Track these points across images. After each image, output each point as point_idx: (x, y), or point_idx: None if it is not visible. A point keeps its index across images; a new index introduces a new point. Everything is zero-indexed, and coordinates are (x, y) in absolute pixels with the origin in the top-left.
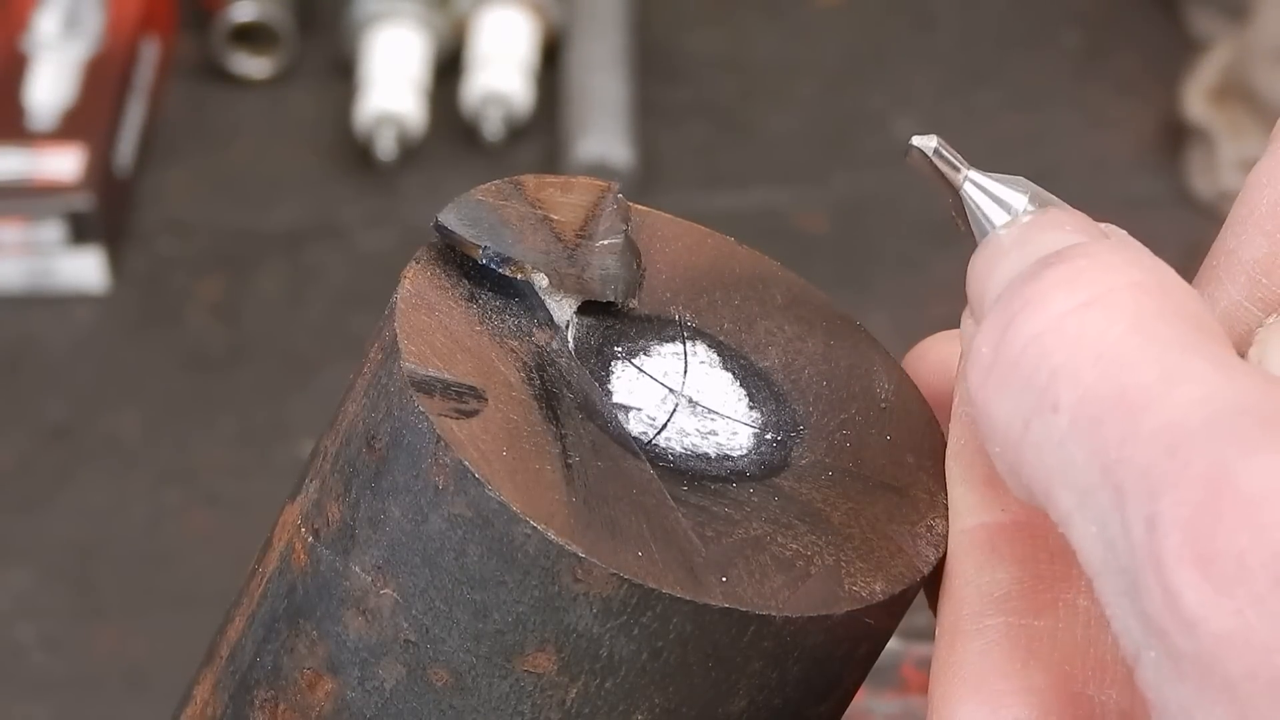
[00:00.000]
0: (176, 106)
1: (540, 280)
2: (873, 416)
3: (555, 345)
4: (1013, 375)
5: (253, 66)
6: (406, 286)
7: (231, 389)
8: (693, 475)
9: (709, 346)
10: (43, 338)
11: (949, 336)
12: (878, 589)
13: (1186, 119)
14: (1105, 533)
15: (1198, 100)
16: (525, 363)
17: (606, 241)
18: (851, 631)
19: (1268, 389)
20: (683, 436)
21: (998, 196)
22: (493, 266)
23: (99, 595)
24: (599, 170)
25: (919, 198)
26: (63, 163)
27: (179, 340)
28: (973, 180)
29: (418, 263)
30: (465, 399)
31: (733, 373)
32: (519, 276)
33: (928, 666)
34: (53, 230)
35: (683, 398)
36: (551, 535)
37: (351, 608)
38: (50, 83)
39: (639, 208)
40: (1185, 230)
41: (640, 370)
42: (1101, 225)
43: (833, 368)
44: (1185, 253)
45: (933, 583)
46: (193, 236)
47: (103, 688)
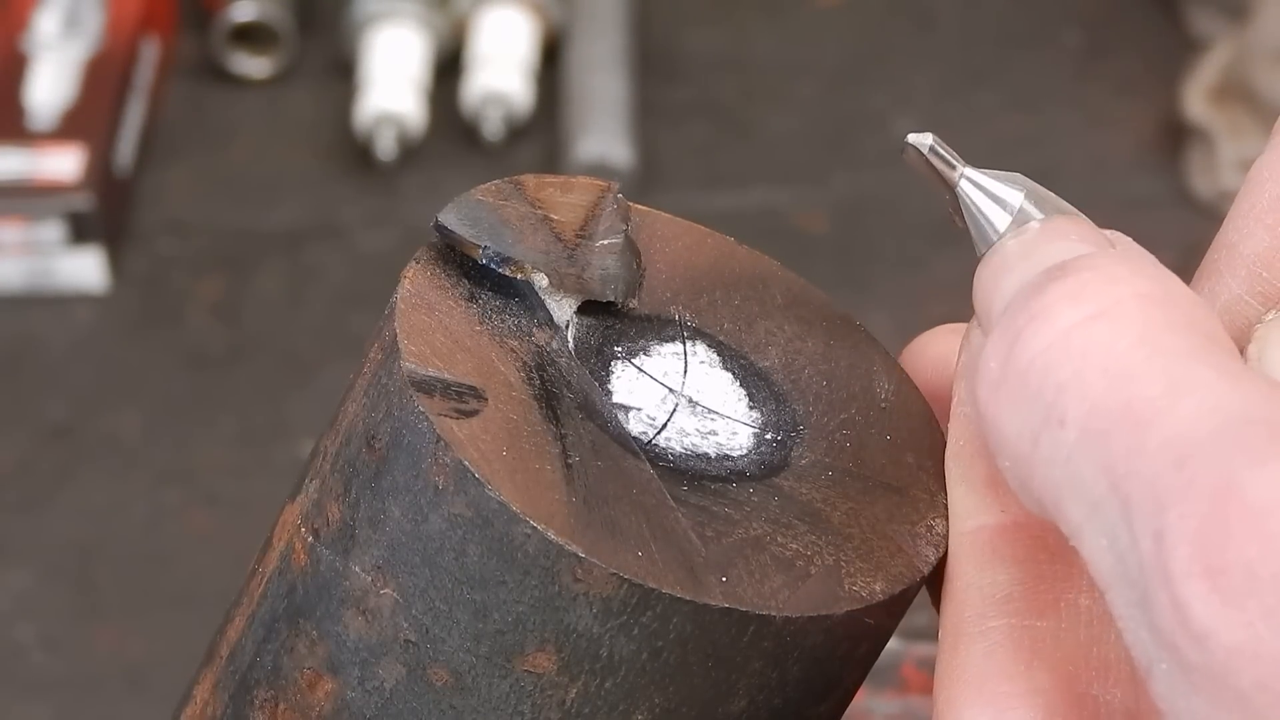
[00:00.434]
0: (176, 106)
1: (540, 280)
2: (873, 416)
3: (555, 345)
4: (1021, 390)
5: (253, 66)
6: (406, 286)
7: (231, 389)
8: (693, 475)
9: (709, 346)
10: (43, 338)
11: (947, 331)
12: (878, 589)
13: (1186, 119)
14: (1115, 546)
15: (1198, 100)
16: (525, 363)
17: (606, 241)
18: (851, 631)
19: (1275, 398)
20: (683, 436)
21: (994, 194)
22: (493, 266)
23: (99, 595)
24: (599, 170)
25: (919, 197)
26: (63, 163)
27: (179, 340)
28: (969, 178)
29: (418, 263)
30: (465, 399)
31: (733, 373)
32: (519, 276)
33: (928, 666)
34: (53, 230)
35: (683, 398)
36: (551, 535)
37: (351, 608)
38: (50, 83)
39: (639, 207)
40: (1185, 230)
41: (640, 370)
42: (1107, 232)
43: (833, 367)
44: (1185, 253)
45: (933, 583)
46: (193, 236)
47: (103, 688)
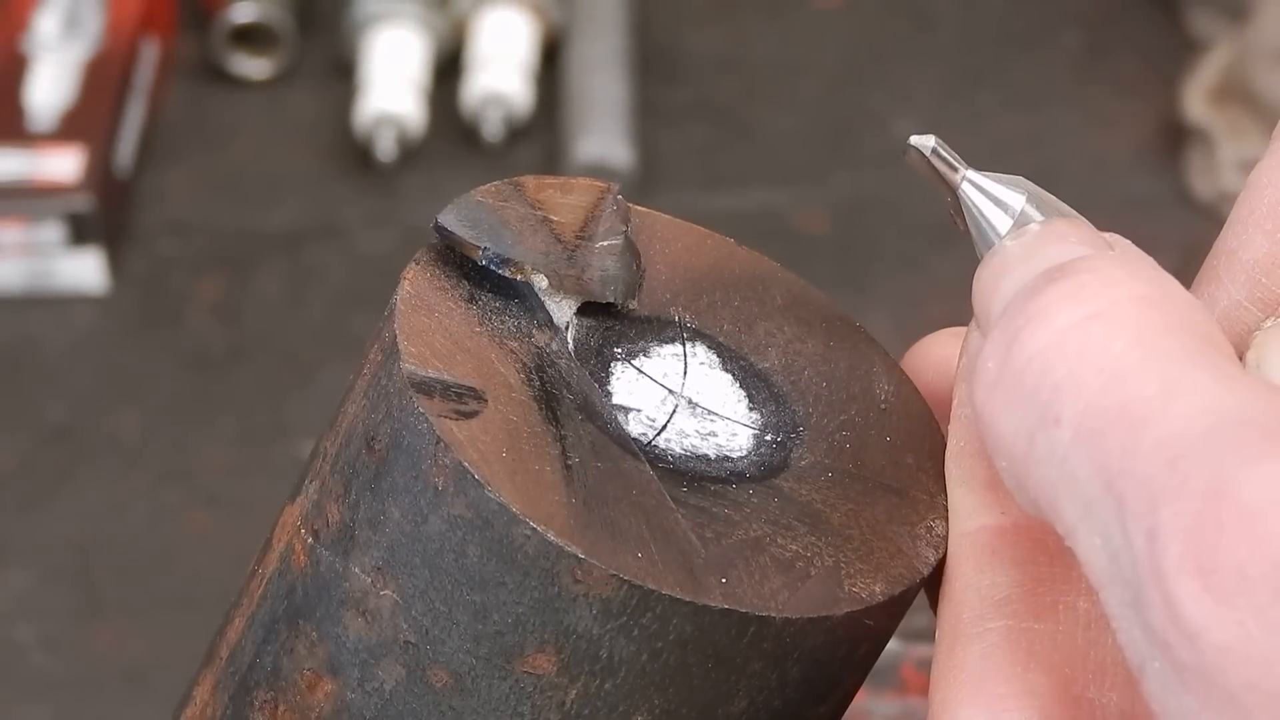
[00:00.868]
0: (176, 107)
1: (540, 281)
2: (872, 417)
3: (555, 346)
4: (1017, 391)
5: (252, 67)
6: (406, 287)
7: (231, 389)
8: (692, 476)
9: (709, 347)
10: (43, 338)
11: (949, 335)
12: (877, 590)
13: (1186, 120)
14: (1109, 545)
15: (1197, 101)
16: (525, 364)
17: (606, 242)
18: (851, 632)
19: (1267, 399)
20: (682, 438)
21: (996, 196)
22: (492, 267)
23: (99, 595)
24: (599, 171)
25: (919, 198)
26: (62, 163)
27: (179, 341)
28: (970, 180)
29: (417, 264)
30: (465, 400)
31: (732, 374)
32: (519, 277)
33: (927, 668)
34: (53, 231)
35: (682, 399)
36: (551, 536)
37: (351, 609)
38: (50, 83)
39: (639, 208)
40: (1185, 231)
41: (640, 371)
42: (1106, 235)
43: (832, 369)
44: (1185, 253)
45: (933, 584)
46: (192, 237)
47: (102, 688)
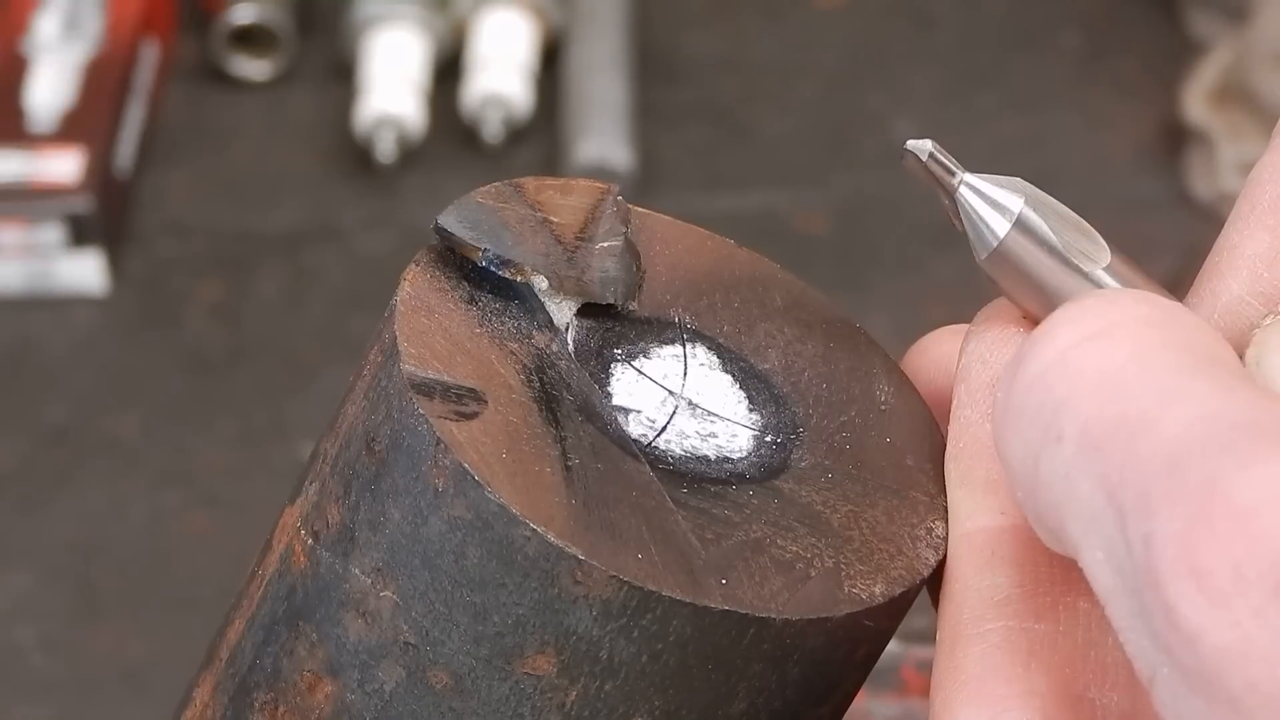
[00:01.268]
0: (176, 108)
1: (540, 282)
2: (872, 419)
3: (555, 347)
4: (1021, 413)
5: (252, 68)
6: (406, 289)
7: (231, 391)
8: (692, 477)
9: (709, 349)
10: (43, 340)
11: (948, 333)
12: (877, 591)
13: (1186, 121)
14: (1112, 557)
15: (1197, 102)
16: (525, 365)
17: (606, 244)
18: (851, 634)
19: (1264, 404)
20: (682, 439)
21: (993, 199)
22: (492, 269)
23: (99, 596)
24: (599, 172)
25: (919, 199)
26: (62, 165)
27: (178, 342)
28: (968, 184)
29: (417, 265)
30: (465, 401)
31: (732, 375)
32: (519, 279)
33: (927, 668)
34: (52, 232)
35: (682, 400)
36: (551, 537)
37: (351, 610)
38: (50, 85)
39: (639, 210)
40: (1185, 232)
41: (640, 372)
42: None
43: (832, 370)
44: (1185, 254)
45: (933, 585)
46: (192, 238)
47: (102, 689)
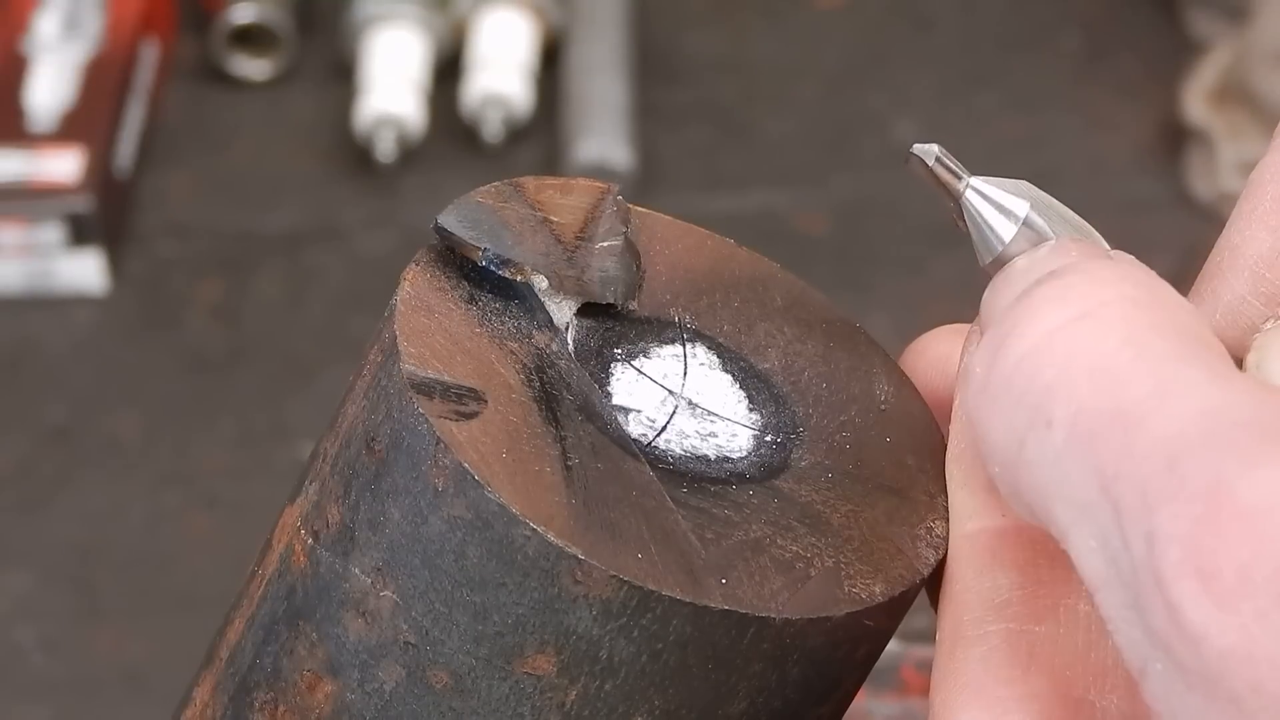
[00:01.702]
0: (176, 108)
1: (540, 282)
2: (872, 418)
3: (555, 347)
4: (1006, 394)
5: (252, 68)
6: (406, 288)
7: (231, 391)
8: (692, 477)
9: (709, 348)
10: (43, 339)
11: (948, 333)
12: (877, 591)
13: (1186, 121)
14: (1106, 548)
15: (1197, 102)
16: (525, 365)
17: (606, 243)
18: (851, 633)
19: (1264, 400)
20: (682, 438)
21: (999, 203)
22: (492, 268)
23: (99, 597)
24: (599, 172)
25: (919, 200)
26: (62, 164)
27: (179, 342)
28: (974, 187)
29: (417, 265)
30: (465, 401)
31: (732, 375)
32: (519, 278)
33: (927, 668)
34: (52, 232)
35: (682, 400)
36: (551, 537)
37: (351, 609)
38: (50, 84)
39: (639, 209)
40: (1185, 232)
41: (640, 372)
42: (1113, 252)
43: (832, 369)
44: (1185, 254)
45: (933, 584)
46: (192, 238)
47: (102, 689)
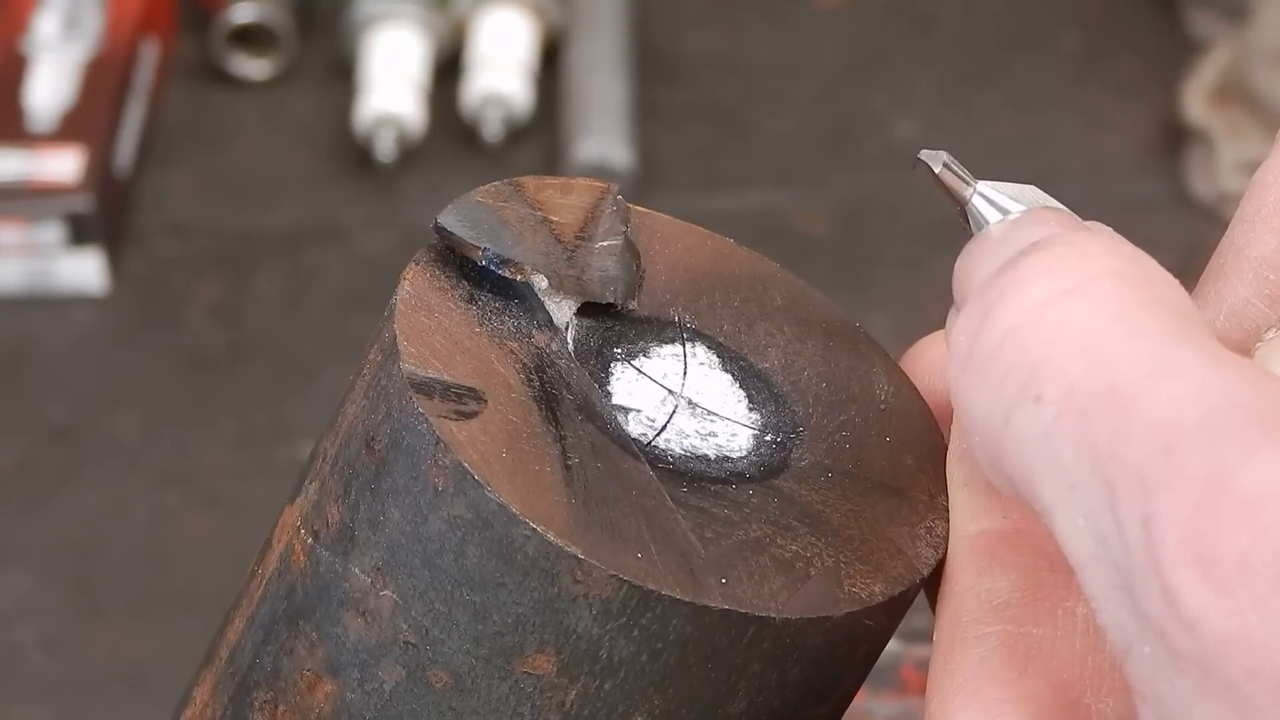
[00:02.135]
0: (176, 108)
1: (540, 282)
2: (872, 418)
3: (555, 347)
4: (992, 366)
5: (252, 68)
6: (406, 288)
7: (231, 390)
8: (692, 477)
9: (708, 348)
10: (42, 339)
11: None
12: (877, 590)
13: (1186, 121)
14: (1095, 528)
15: (1197, 102)
16: (525, 364)
17: (606, 243)
18: (851, 633)
19: (1259, 384)
20: (682, 438)
21: (1005, 209)
22: (492, 268)
23: (99, 596)
24: (598, 171)
25: (918, 199)
26: (62, 164)
27: (178, 341)
28: (981, 194)
29: (417, 264)
30: (465, 400)
31: (732, 374)
32: (519, 278)
33: (927, 668)
34: (52, 231)
35: (682, 399)
36: (551, 537)
37: (351, 609)
38: (50, 84)
39: (638, 209)
40: (1185, 232)
41: (640, 372)
42: (1087, 223)
43: (832, 369)
44: (1185, 254)
45: (933, 584)
46: (192, 238)
47: (102, 689)
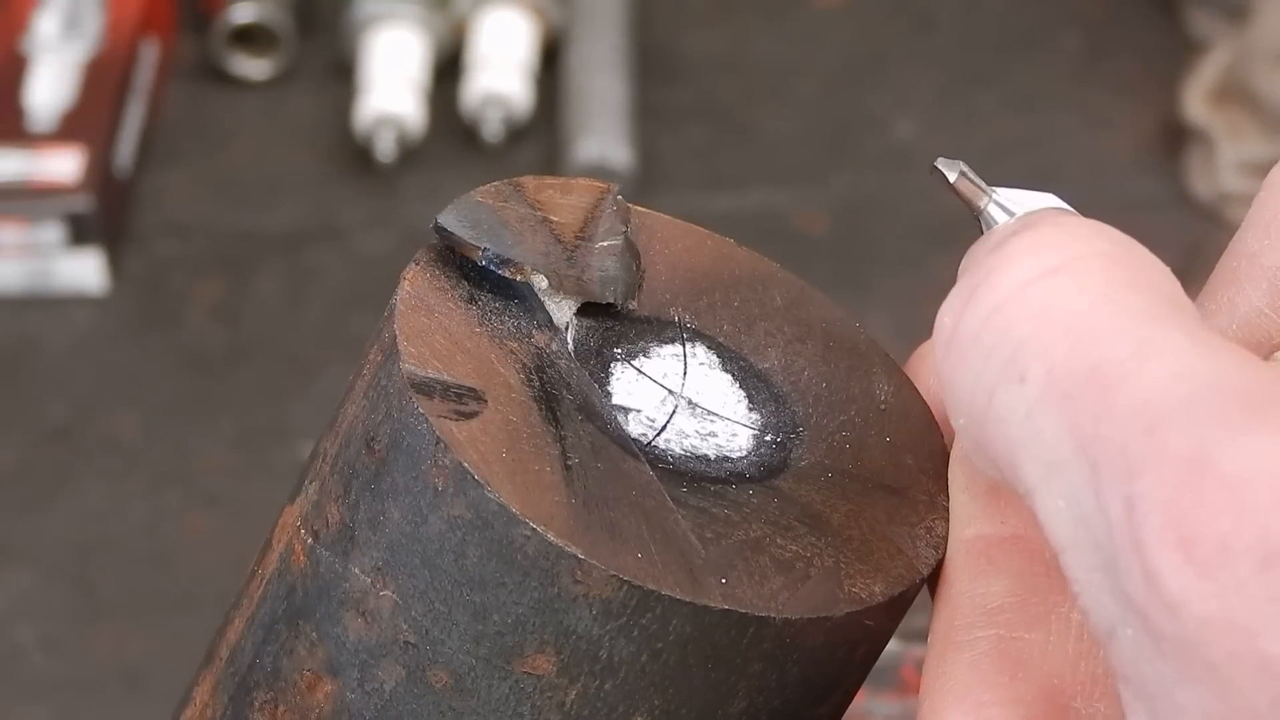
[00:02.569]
0: (176, 108)
1: (540, 282)
2: (872, 418)
3: (555, 347)
4: (976, 345)
5: (252, 68)
6: (406, 288)
7: (231, 390)
8: (692, 477)
9: (708, 348)
10: (42, 339)
11: None
12: (877, 590)
13: (1186, 120)
14: (1078, 508)
15: (1197, 102)
16: (525, 364)
17: (606, 243)
18: (851, 633)
19: (1244, 365)
20: (682, 438)
21: (1018, 215)
22: (492, 268)
23: (98, 596)
24: (598, 171)
25: (919, 199)
26: (62, 164)
27: (178, 341)
28: (998, 202)
29: (417, 264)
30: (465, 400)
31: (732, 374)
32: (518, 278)
33: None
34: (52, 231)
35: (682, 399)
36: (551, 537)
37: (351, 609)
38: (50, 84)
39: (638, 209)
40: (1185, 232)
41: (640, 372)
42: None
43: (832, 369)
44: (1185, 254)
45: (934, 583)
46: (192, 238)
47: (102, 689)
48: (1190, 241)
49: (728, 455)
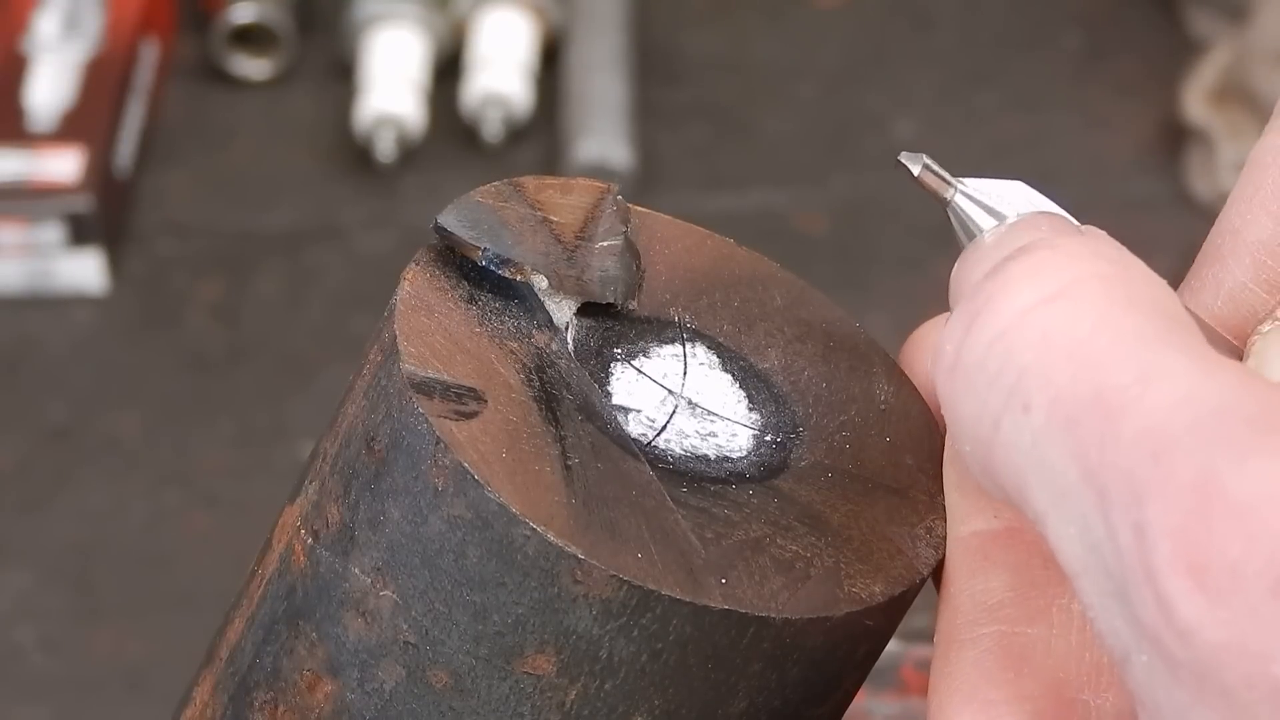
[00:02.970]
0: (176, 108)
1: (540, 282)
2: (872, 418)
3: (555, 347)
4: (979, 374)
5: (252, 68)
6: (406, 288)
7: (231, 390)
8: (692, 477)
9: (708, 348)
10: (42, 339)
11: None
12: (877, 590)
13: (1186, 120)
14: (1088, 535)
15: (1197, 101)
16: (525, 364)
17: (606, 243)
18: (851, 633)
19: (1247, 387)
20: (682, 438)
21: (989, 206)
22: (492, 268)
23: (98, 596)
24: (598, 171)
25: (918, 199)
26: (62, 164)
27: (178, 341)
28: (964, 193)
29: (417, 264)
30: (465, 401)
31: (732, 374)
32: (519, 278)
33: (927, 668)
34: (52, 231)
35: (682, 399)
36: (551, 537)
37: (351, 609)
38: (50, 84)
39: (638, 209)
40: (1185, 231)
41: (640, 372)
42: (1084, 227)
43: (832, 369)
44: (1185, 254)
45: (936, 583)
46: (192, 238)
47: (102, 689)
48: (1190, 242)
49: (728, 455)
